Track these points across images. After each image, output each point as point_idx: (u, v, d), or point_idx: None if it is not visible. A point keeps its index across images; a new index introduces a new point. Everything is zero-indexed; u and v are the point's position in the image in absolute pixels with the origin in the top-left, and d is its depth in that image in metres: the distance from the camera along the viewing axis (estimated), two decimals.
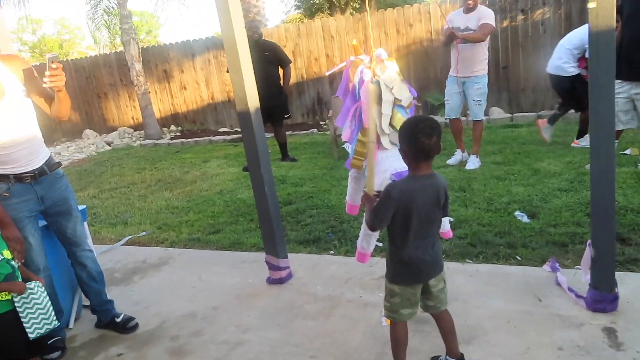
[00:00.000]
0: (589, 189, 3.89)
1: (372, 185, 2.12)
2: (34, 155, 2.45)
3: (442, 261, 2.01)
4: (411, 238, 1.88)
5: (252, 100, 2.87)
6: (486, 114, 7.43)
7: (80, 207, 2.92)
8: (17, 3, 10.17)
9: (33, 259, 2.48)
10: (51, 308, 2.28)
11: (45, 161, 2.51)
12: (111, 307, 2.84)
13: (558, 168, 4.62)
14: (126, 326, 2.77)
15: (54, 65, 2.20)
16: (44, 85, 2.30)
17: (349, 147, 2.81)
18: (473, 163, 5.08)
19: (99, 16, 11.04)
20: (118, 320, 2.78)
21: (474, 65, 5.01)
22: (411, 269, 1.93)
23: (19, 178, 2.40)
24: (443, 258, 3.09)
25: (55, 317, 2.30)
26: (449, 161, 5.35)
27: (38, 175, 2.46)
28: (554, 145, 5.49)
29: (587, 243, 2.39)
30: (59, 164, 2.65)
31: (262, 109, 2.98)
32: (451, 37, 4.95)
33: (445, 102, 5.36)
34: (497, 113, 7.55)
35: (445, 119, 5.55)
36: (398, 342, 2.04)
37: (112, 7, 10.76)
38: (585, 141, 5.18)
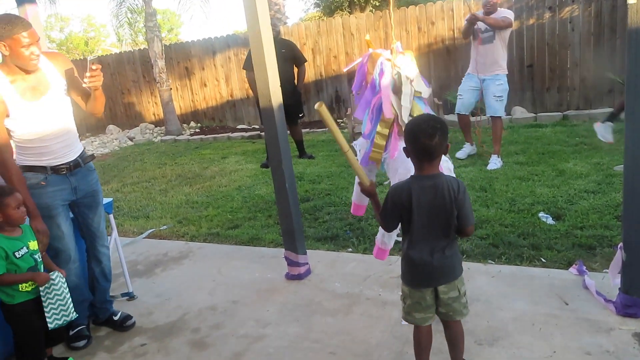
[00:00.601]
0: (617, 191, 3.85)
1: (364, 178, 2.05)
2: (69, 148, 2.53)
3: (456, 269, 1.89)
4: (415, 239, 1.84)
5: (276, 96, 2.87)
6: (509, 113, 7.33)
7: (107, 200, 2.97)
8: (46, 1, 10.36)
9: (65, 248, 2.53)
10: (70, 300, 2.31)
11: (80, 154, 2.58)
12: (110, 306, 2.86)
13: (584, 169, 4.51)
14: (124, 324, 2.77)
15: (94, 67, 2.31)
16: (84, 85, 2.41)
17: (357, 146, 2.81)
18: (495, 163, 5.01)
19: (122, 13, 11.20)
20: (116, 318, 2.80)
21: (495, 65, 5.07)
22: (415, 271, 1.89)
23: (55, 169, 2.47)
24: (463, 258, 3.10)
25: (73, 309, 2.32)
26: (458, 154, 5.40)
27: (73, 167, 2.53)
28: (580, 146, 5.37)
29: (619, 246, 2.32)
30: (93, 156, 2.72)
31: None
32: (472, 20, 4.96)
33: (458, 97, 5.37)
34: (520, 112, 7.42)
35: (456, 113, 5.52)
36: (420, 345, 2.00)
37: (137, 5, 10.89)
38: None
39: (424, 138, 1.75)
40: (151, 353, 2.53)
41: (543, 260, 2.99)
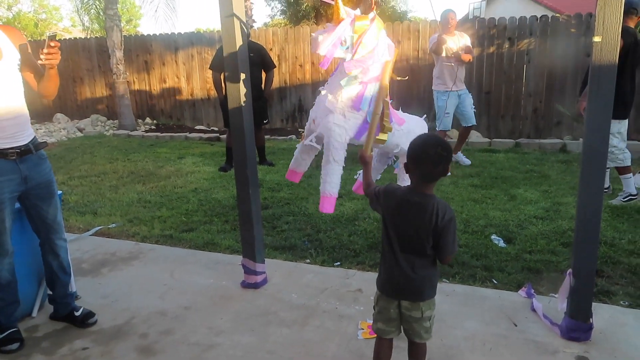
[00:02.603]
0: (564, 219, 4.04)
1: (369, 147, 2.36)
2: (21, 128, 2.34)
3: (424, 291, 1.87)
4: (389, 246, 1.87)
5: (246, 99, 2.83)
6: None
7: None
8: None
9: (3, 242, 2.36)
10: None
11: (31, 140, 2.40)
12: (71, 300, 2.72)
13: (534, 196, 4.71)
14: (85, 321, 2.64)
15: (52, 44, 2.17)
16: (39, 62, 2.26)
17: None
18: (467, 159, 6.03)
19: (89, 1, 10.81)
20: (77, 314, 2.65)
21: (463, 81, 5.83)
22: (383, 276, 1.93)
23: (3, 154, 2.28)
24: None
25: None
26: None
27: (23, 152, 2.34)
28: (530, 173, 5.62)
29: (568, 272, 2.42)
30: (45, 143, 2.55)
31: None
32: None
33: (446, 115, 5.78)
34: (476, 137, 7.68)
35: (441, 130, 5.91)
36: (378, 358, 2.02)
37: None
38: None
39: (429, 164, 1.75)
40: (94, 357, 2.39)
41: (494, 281, 3.09)
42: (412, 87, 8.28)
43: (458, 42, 5.73)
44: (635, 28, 4.50)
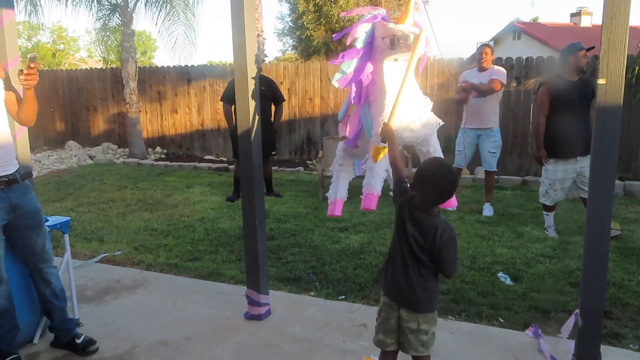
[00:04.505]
0: (571, 258, 4.00)
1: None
2: (8, 157, 2.36)
3: (421, 304, 1.92)
4: (398, 246, 1.93)
5: (256, 130, 2.88)
6: (472, 173, 7.60)
7: (64, 219, 2.84)
8: (26, 9, 10.05)
9: None
10: None
11: (17, 169, 2.41)
12: (72, 327, 2.70)
13: (541, 234, 4.67)
14: (87, 349, 2.62)
15: (32, 65, 2.20)
16: (18, 82, 2.26)
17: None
18: (490, 210, 5.45)
19: (107, 34, 11.18)
20: (78, 341, 2.64)
21: (486, 118, 5.40)
22: (387, 275, 1.98)
23: None
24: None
25: None
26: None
27: (11, 182, 2.35)
28: (538, 211, 5.58)
29: (575, 313, 2.39)
30: (30, 174, 2.56)
31: None
32: (465, 89, 5.35)
33: (457, 152, 5.62)
34: (483, 173, 7.67)
35: (456, 167, 5.73)
36: None
37: (118, 25, 10.86)
38: None
39: (432, 192, 1.83)
40: None
41: (501, 320, 3.04)
42: None
43: (481, 78, 5.38)
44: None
